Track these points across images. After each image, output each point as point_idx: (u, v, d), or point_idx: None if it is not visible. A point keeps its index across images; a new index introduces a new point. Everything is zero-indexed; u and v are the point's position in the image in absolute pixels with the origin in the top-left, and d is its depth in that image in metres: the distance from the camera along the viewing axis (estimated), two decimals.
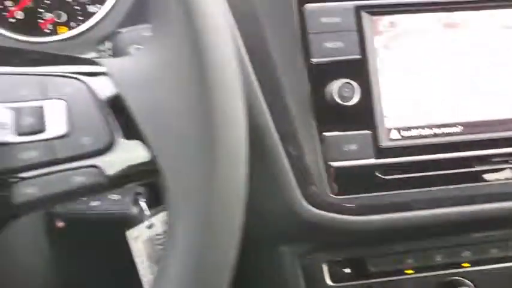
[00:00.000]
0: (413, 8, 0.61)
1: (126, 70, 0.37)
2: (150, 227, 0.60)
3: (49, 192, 0.34)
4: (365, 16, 0.60)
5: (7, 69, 0.36)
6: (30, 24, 0.73)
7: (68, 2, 0.73)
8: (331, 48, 0.59)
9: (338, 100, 0.56)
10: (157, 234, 0.62)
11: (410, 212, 0.59)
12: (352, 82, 0.57)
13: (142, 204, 0.58)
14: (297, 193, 0.57)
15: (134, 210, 0.57)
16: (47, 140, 0.34)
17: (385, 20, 0.60)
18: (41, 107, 0.34)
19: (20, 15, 0.73)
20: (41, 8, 0.73)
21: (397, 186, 0.59)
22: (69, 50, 0.62)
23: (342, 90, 0.57)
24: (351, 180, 0.58)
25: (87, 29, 0.69)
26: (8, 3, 0.72)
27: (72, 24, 0.73)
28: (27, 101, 0.35)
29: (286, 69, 0.58)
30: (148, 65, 0.36)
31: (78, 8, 0.73)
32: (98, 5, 0.73)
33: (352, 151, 0.58)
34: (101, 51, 0.49)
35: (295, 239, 0.62)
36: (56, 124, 0.34)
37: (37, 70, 0.36)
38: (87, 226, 0.58)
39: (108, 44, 0.48)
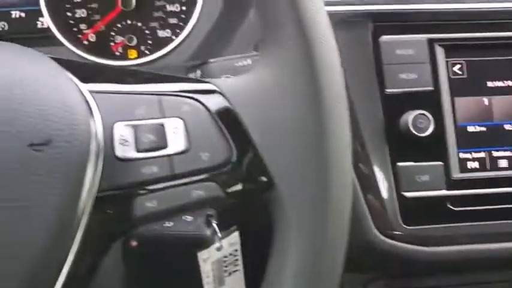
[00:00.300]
0: (485, 42, 0.62)
1: (239, 89, 0.38)
2: (219, 249, 0.61)
3: (168, 206, 0.36)
4: (438, 48, 0.61)
5: (125, 88, 0.37)
6: (102, 47, 0.75)
7: (138, 26, 0.76)
8: (405, 79, 0.60)
9: (413, 131, 0.57)
10: (224, 256, 0.63)
11: (481, 244, 0.59)
12: (426, 113, 0.58)
13: (215, 226, 0.59)
14: (369, 222, 0.58)
15: (207, 232, 0.58)
16: (168, 156, 0.36)
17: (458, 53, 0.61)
18: (162, 125, 0.36)
19: (92, 37, 0.75)
20: (113, 31, 0.76)
21: (469, 218, 0.59)
22: None
23: (416, 121, 0.57)
24: (422, 211, 0.58)
25: (161, 56, 0.71)
26: (83, 26, 0.75)
27: (142, 48, 0.76)
28: (146, 119, 0.36)
29: (360, 98, 0.59)
30: (261, 85, 0.37)
31: (148, 32, 0.76)
32: (168, 30, 0.76)
33: (425, 182, 0.58)
34: None
35: (363, 267, 0.62)
36: (175, 141, 0.36)
37: (153, 89, 0.38)
38: (160, 246, 0.59)
39: (198, 73, 0.50)
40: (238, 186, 0.37)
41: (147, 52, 0.76)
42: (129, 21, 0.76)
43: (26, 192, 0.31)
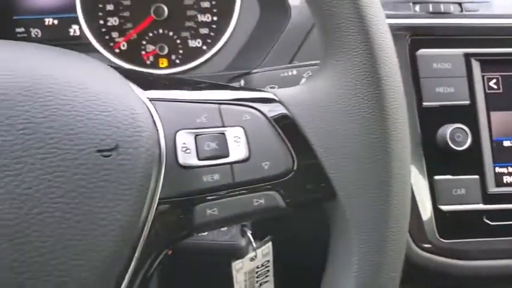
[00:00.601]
0: None
1: (299, 98, 0.38)
2: (253, 259, 0.61)
3: (228, 214, 0.36)
4: (474, 63, 0.61)
5: (184, 96, 0.38)
6: (133, 55, 0.76)
7: (170, 36, 0.76)
8: (442, 93, 0.60)
9: (451, 145, 0.57)
10: (257, 267, 0.63)
11: None
12: (464, 127, 0.58)
13: (250, 236, 0.59)
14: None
15: (242, 242, 0.58)
16: (229, 164, 0.36)
17: (493, 67, 0.62)
18: (224, 134, 0.36)
19: (124, 46, 0.76)
20: (145, 40, 0.76)
21: (505, 233, 0.59)
22: None
23: (454, 135, 0.58)
24: (459, 225, 0.58)
25: (195, 66, 0.71)
26: (114, 34, 0.76)
27: (172, 57, 0.76)
28: (208, 128, 0.36)
29: None
30: (323, 94, 0.37)
31: (179, 42, 0.76)
32: (199, 41, 0.77)
33: (461, 195, 0.58)
34: None
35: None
36: (237, 150, 0.36)
37: (212, 98, 0.38)
38: (194, 255, 0.59)
39: (242, 82, 0.50)
40: (299, 196, 0.37)
41: (177, 62, 0.77)
42: (160, 31, 0.77)
43: (94, 197, 0.31)
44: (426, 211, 0.58)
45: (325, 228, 0.45)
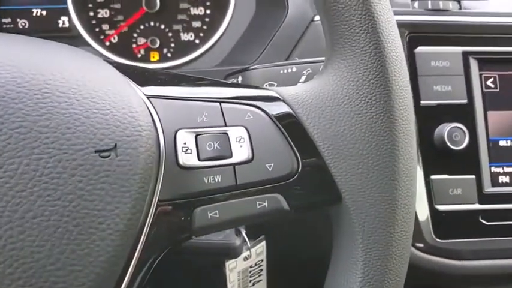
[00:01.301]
0: None
1: (304, 97, 0.37)
2: (246, 258, 0.60)
3: (230, 217, 0.35)
4: (472, 61, 0.61)
5: (184, 93, 0.36)
6: (124, 48, 0.74)
7: (161, 28, 0.75)
8: (440, 91, 0.59)
9: (449, 144, 0.57)
10: (250, 266, 0.62)
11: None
12: (462, 127, 0.57)
13: (244, 235, 0.58)
14: None
15: (237, 241, 0.57)
16: (232, 165, 0.35)
17: (491, 66, 0.61)
18: (226, 134, 0.35)
19: (115, 38, 0.74)
20: (136, 33, 0.74)
21: (500, 233, 0.59)
22: None
23: (452, 134, 0.57)
24: (455, 225, 0.58)
25: (189, 61, 0.70)
26: (105, 27, 0.74)
27: (164, 50, 0.75)
28: (209, 127, 0.35)
29: None
30: (329, 93, 0.36)
31: (171, 35, 0.75)
32: (191, 34, 0.75)
33: (457, 195, 0.58)
34: None
35: None
36: (240, 150, 0.35)
37: (213, 95, 0.36)
38: (188, 254, 0.58)
39: (240, 79, 0.48)
40: (304, 198, 0.36)
41: (169, 55, 0.75)
42: (152, 23, 0.75)
43: (93, 200, 0.30)
44: (422, 211, 0.57)
45: (322, 228, 0.44)
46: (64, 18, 0.75)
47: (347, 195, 0.35)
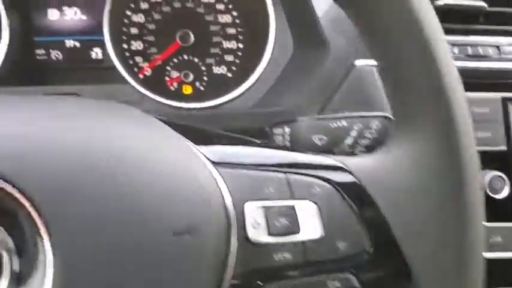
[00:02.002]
0: None
1: (374, 170, 0.36)
2: None
3: None
4: (511, 107, 0.61)
5: (249, 161, 0.36)
6: (156, 81, 0.74)
7: (195, 62, 0.75)
8: (479, 137, 0.59)
9: (489, 192, 0.57)
10: None
11: None
12: (502, 175, 0.57)
13: None
14: None
15: None
16: (301, 242, 0.34)
17: None
18: (293, 208, 0.34)
19: (148, 71, 0.74)
20: (169, 66, 0.74)
21: None
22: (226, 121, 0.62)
23: (492, 182, 0.57)
24: (495, 273, 0.58)
25: (228, 101, 0.69)
26: (138, 59, 0.74)
27: (197, 84, 0.75)
28: (276, 199, 0.34)
29: None
30: (399, 167, 0.36)
31: (204, 68, 0.75)
32: (223, 67, 0.75)
33: (497, 243, 0.58)
34: (276, 134, 0.49)
35: None
36: (309, 226, 0.34)
37: (278, 163, 0.36)
38: None
39: (287, 130, 0.48)
40: (375, 277, 0.35)
41: (201, 89, 0.75)
42: (185, 57, 0.75)
43: (173, 285, 0.30)
44: None
45: None
46: (97, 50, 0.75)
47: (418, 273, 0.35)
